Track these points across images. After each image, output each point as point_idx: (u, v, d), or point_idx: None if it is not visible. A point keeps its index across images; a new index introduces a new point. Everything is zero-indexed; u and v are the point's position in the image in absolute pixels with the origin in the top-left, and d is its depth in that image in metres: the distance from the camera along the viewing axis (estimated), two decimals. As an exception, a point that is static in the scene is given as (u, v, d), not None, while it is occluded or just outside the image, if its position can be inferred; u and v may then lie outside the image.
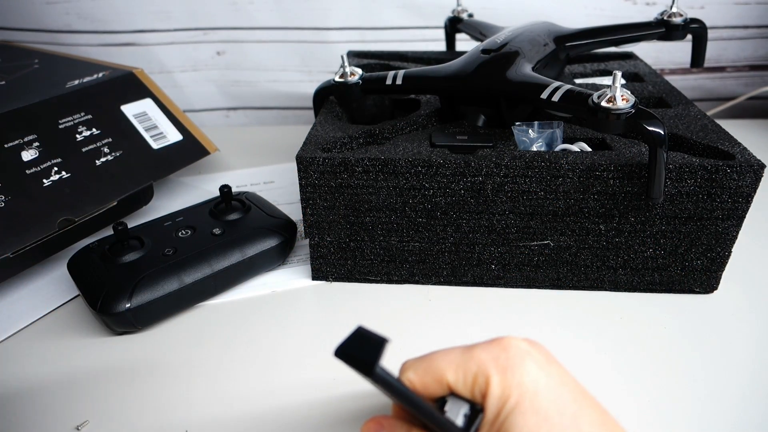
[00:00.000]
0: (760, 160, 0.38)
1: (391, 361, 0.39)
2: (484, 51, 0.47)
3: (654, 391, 0.36)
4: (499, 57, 0.46)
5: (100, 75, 0.58)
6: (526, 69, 0.44)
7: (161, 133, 0.57)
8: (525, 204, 0.41)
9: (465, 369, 0.26)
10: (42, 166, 0.48)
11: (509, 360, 0.25)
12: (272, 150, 0.70)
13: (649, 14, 0.72)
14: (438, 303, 0.44)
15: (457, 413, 0.26)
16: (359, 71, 0.48)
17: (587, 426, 0.24)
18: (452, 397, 0.26)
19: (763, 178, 0.38)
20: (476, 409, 0.26)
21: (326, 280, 0.46)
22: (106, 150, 0.52)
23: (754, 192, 0.39)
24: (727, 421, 0.34)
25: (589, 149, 0.42)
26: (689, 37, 0.52)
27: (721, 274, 0.43)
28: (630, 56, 0.63)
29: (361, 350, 0.22)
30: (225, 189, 0.47)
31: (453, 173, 0.40)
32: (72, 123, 0.52)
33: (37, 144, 0.49)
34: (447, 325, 0.41)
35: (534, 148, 0.42)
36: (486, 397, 0.25)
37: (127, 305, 0.39)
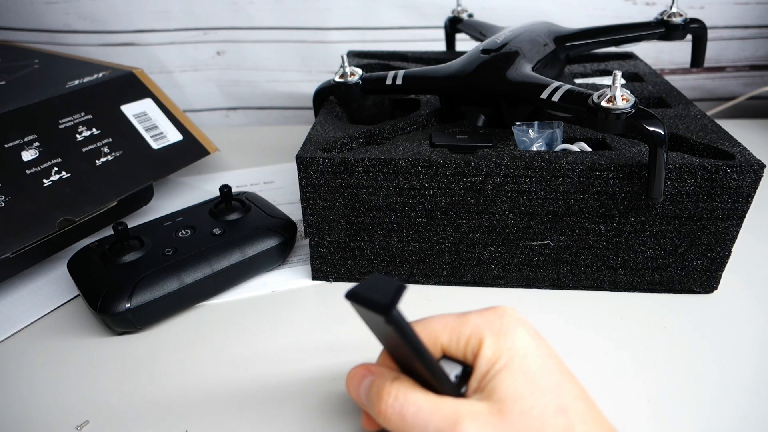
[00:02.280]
0: (760, 160, 0.38)
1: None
2: (484, 51, 0.47)
3: (654, 390, 0.36)
4: (499, 57, 0.46)
5: (100, 75, 0.58)
6: (526, 69, 0.44)
7: (161, 133, 0.57)
8: (525, 204, 0.41)
9: (459, 332, 0.27)
10: (42, 166, 0.48)
11: (503, 326, 0.27)
12: (272, 150, 0.70)
13: (649, 14, 0.72)
14: (438, 303, 0.44)
15: (449, 373, 0.27)
16: (359, 71, 0.48)
17: (569, 396, 0.25)
18: (445, 359, 0.28)
19: (763, 178, 0.38)
20: (467, 371, 0.27)
21: (326, 280, 0.47)
22: (106, 150, 0.52)
23: (754, 192, 0.39)
24: (728, 420, 0.34)
25: (589, 149, 0.42)
26: (689, 37, 0.52)
27: (721, 274, 0.43)
28: (630, 56, 0.63)
29: (378, 293, 0.22)
30: (225, 189, 0.47)
31: (453, 173, 0.40)
32: (72, 123, 0.52)
33: (37, 144, 0.49)
34: (447, 325, 0.41)
35: (534, 148, 0.42)
36: (477, 357, 0.26)
37: (127, 305, 0.39)
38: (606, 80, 0.57)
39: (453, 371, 0.27)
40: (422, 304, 0.44)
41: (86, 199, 0.48)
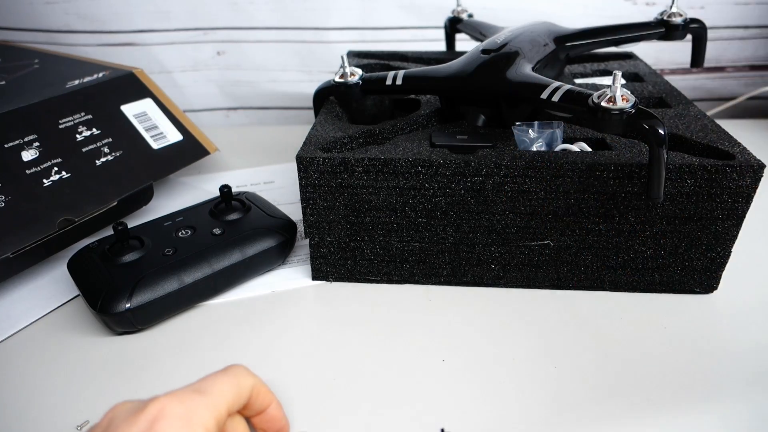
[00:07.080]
0: (760, 160, 0.38)
1: (392, 363, 0.39)
2: (484, 51, 0.47)
3: (653, 391, 0.36)
4: (499, 57, 0.46)
5: (100, 75, 0.58)
6: (526, 69, 0.44)
7: (161, 133, 0.57)
8: (525, 204, 0.41)
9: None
10: (42, 166, 0.48)
11: None
12: (272, 150, 0.70)
13: (649, 14, 0.72)
14: (438, 303, 0.44)
15: None
16: (359, 71, 0.48)
17: None
18: None
19: (763, 178, 0.38)
20: None
21: (326, 280, 0.47)
22: (106, 150, 0.52)
23: (754, 192, 0.39)
24: (727, 421, 0.34)
25: (589, 149, 0.42)
26: (689, 37, 0.52)
27: (721, 274, 0.43)
28: (630, 56, 0.63)
29: None
30: (225, 189, 0.47)
31: (453, 173, 0.40)
32: (72, 123, 0.52)
33: (37, 144, 0.49)
34: (447, 325, 0.42)
35: (534, 148, 0.42)
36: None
37: (127, 305, 0.39)
38: (606, 80, 0.57)
39: None
40: (422, 304, 0.44)
41: (86, 199, 0.48)
